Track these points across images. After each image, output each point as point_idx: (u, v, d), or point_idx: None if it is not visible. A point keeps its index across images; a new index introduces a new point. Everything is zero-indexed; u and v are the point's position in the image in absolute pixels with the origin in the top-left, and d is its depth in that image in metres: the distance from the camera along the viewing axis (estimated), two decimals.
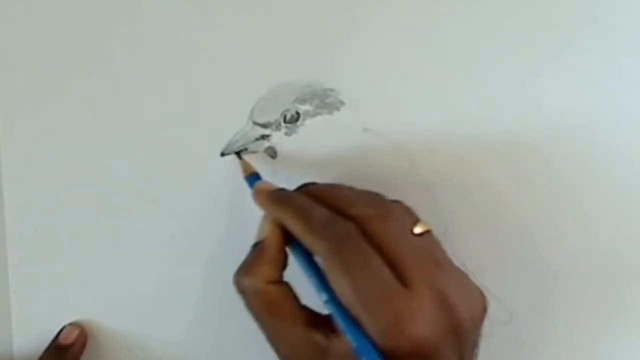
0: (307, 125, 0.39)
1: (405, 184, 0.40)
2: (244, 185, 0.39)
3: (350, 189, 0.36)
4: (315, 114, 0.39)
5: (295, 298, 0.35)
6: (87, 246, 0.40)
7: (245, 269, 0.35)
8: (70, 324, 0.40)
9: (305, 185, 0.37)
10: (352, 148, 0.39)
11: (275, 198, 0.36)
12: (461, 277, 0.34)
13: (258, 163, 0.39)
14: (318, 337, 0.33)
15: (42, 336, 0.40)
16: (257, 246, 0.35)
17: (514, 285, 0.39)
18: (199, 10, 0.39)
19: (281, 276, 0.35)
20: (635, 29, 0.39)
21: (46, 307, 0.40)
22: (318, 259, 0.33)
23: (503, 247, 0.40)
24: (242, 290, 0.35)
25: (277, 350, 0.34)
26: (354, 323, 0.32)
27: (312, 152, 0.39)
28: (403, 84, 0.39)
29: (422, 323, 0.31)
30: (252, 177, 0.38)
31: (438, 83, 0.39)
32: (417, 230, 0.33)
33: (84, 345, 0.40)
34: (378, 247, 0.32)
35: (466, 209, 0.40)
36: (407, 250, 0.33)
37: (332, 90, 0.39)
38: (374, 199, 0.35)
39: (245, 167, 0.39)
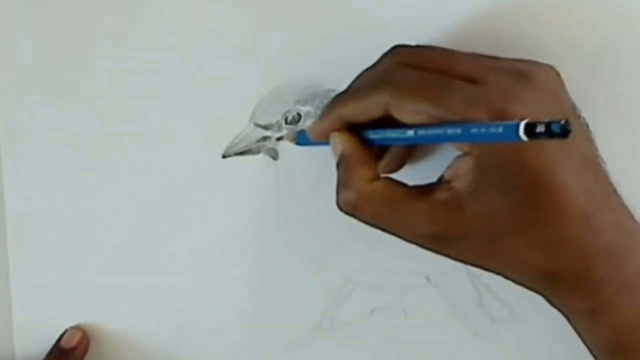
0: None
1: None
2: (245, 187, 0.39)
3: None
4: (316, 115, 0.39)
5: (401, 183, 0.34)
6: (88, 249, 0.40)
7: (342, 186, 0.34)
8: (73, 328, 0.40)
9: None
10: None
11: (321, 113, 0.36)
12: (516, 59, 0.34)
13: (259, 165, 0.39)
14: (442, 194, 0.33)
15: (44, 340, 0.40)
16: (340, 162, 0.34)
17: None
18: (199, 11, 0.38)
19: (378, 172, 0.34)
20: None
21: (48, 311, 0.40)
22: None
23: None
24: (351, 206, 0.34)
25: (418, 238, 0.34)
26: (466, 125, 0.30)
27: (314, 153, 0.39)
28: None
29: (517, 100, 0.31)
30: (300, 136, 0.38)
31: None
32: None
33: (86, 349, 0.40)
34: (426, 69, 0.32)
35: None
36: (454, 59, 0.33)
37: (333, 91, 0.38)
38: (393, 50, 0.35)
39: (289, 136, 0.39)
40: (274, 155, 0.39)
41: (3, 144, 0.39)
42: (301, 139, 0.38)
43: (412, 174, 0.36)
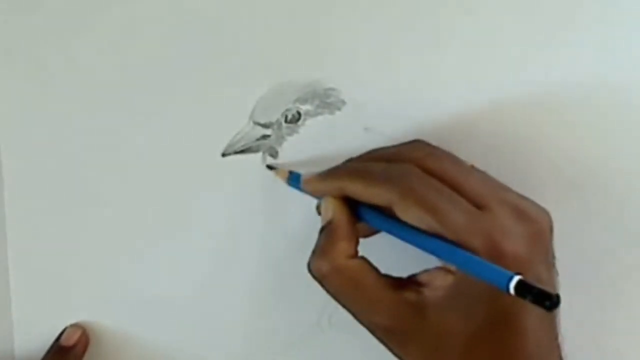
0: (308, 125, 0.39)
1: None
2: (244, 186, 0.39)
3: (387, 147, 0.36)
4: (316, 114, 0.39)
5: (375, 268, 0.34)
6: (88, 246, 0.40)
7: (321, 252, 0.34)
8: (72, 325, 0.40)
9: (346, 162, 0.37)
10: (353, 148, 0.39)
11: (325, 174, 0.36)
12: (519, 194, 0.35)
13: (259, 163, 0.39)
14: (410, 295, 0.33)
15: (43, 338, 0.40)
16: (327, 228, 0.35)
17: None
18: (199, 10, 0.38)
19: (357, 251, 0.35)
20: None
21: (48, 309, 0.40)
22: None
23: None
24: (321, 275, 0.34)
25: (371, 324, 0.34)
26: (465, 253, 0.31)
27: (313, 152, 0.39)
28: (404, 83, 0.39)
29: (512, 238, 0.32)
30: (293, 177, 0.38)
31: (439, 82, 0.39)
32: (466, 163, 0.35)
33: (86, 347, 0.40)
34: (441, 181, 0.33)
35: None
36: (469, 177, 0.34)
37: (333, 89, 0.38)
38: (416, 144, 0.36)
39: (281, 173, 0.38)
40: (274, 154, 0.39)
41: (3, 144, 0.39)
42: (293, 181, 0.38)
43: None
